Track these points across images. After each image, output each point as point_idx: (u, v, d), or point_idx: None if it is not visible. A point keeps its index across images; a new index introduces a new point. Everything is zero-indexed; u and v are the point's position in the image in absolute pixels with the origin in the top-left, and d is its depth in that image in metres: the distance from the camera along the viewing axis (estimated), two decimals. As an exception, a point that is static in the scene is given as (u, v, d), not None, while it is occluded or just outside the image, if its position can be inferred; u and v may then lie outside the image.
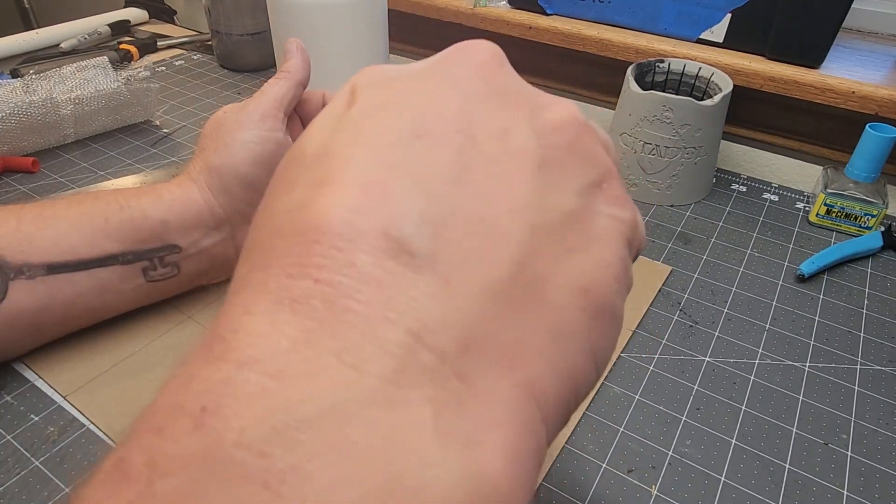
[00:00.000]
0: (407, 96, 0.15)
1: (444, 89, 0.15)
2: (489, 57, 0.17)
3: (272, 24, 0.62)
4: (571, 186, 0.15)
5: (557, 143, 0.16)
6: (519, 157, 0.15)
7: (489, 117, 0.15)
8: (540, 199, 0.14)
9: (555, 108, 0.17)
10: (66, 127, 0.62)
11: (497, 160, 0.14)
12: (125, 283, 0.39)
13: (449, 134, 0.14)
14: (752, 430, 0.37)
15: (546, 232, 0.14)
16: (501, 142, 0.15)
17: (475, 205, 0.13)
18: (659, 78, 0.61)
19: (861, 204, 0.53)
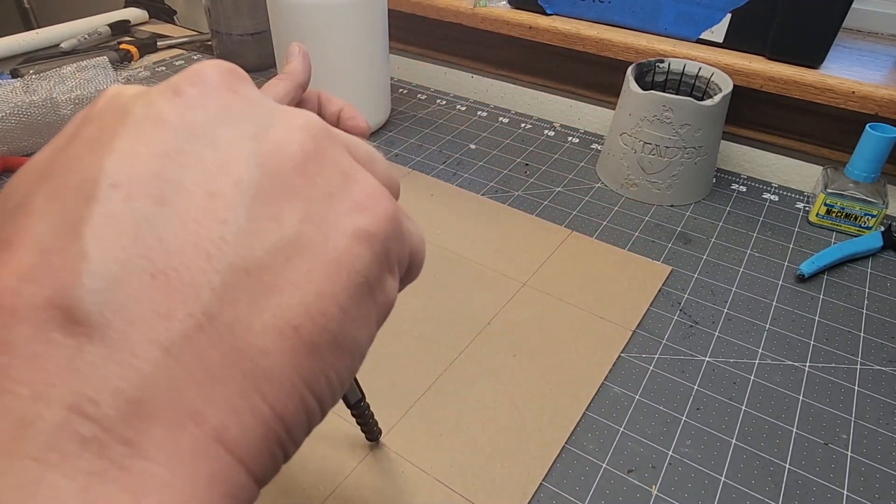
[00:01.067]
0: (114, 137, 0.14)
1: (156, 123, 0.15)
2: (218, 81, 0.16)
3: (272, 24, 0.62)
4: (296, 211, 0.15)
5: (283, 164, 0.15)
6: (227, 195, 0.14)
7: (203, 156, 0.14)
8: (246, 237, 0.14)
9: (283, 125, 0.16)
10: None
11: (200, 203, 0.14)
12: None
13: (147, 183, 0.13)
14: (752, 430, 0.37)
15: (250, 273, 0.14)
16: (212, 179, 0.14)
17: (162, 258, 0.13)
18: (659, 78, 0.61)
19: (861, 204, 0.53)
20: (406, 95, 0.77)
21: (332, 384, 0.15)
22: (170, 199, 0.13)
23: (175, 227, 0.13)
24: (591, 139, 0.69)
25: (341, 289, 0.15)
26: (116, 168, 0.14)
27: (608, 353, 0.42)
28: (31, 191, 0.14)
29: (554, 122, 0.72)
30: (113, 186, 0.13)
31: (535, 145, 0.67)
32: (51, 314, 0.12)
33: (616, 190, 0.60)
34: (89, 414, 0.11)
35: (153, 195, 0.13)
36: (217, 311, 0.13)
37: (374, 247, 0.16)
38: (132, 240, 0.13)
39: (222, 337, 0.13)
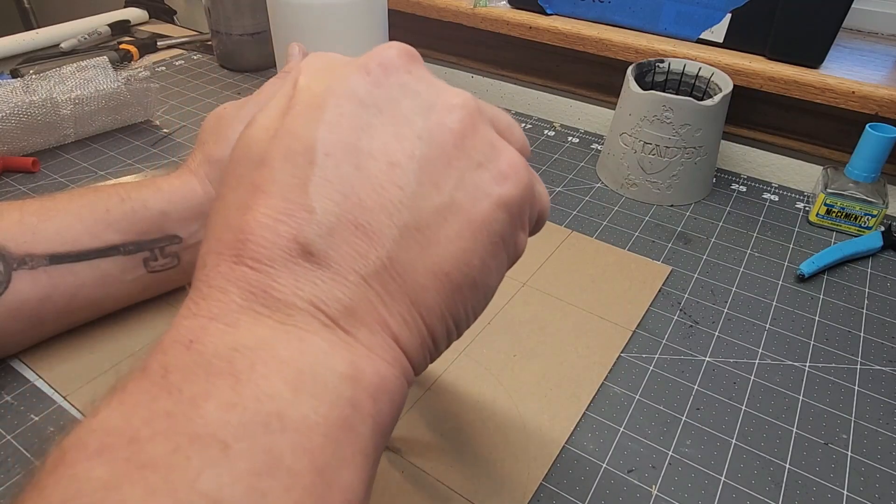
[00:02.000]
0: (325, 105, 0.19)
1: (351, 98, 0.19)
2: (397, 61, 0.20)
3: (272, 24, 0.62)
4: (450, 181, 0.19)
5: (445, 139, 0.19)
6: (403, 165, 0.19)
7: (386, 128, 0.19)
8: (416, 201, 0.19)
9: (444, 103, 0.20)
10: (66, 127, 0.62)
11: (385, 171, 0.19)
12: (126, 273, 0.39)
13: (348, 152, 0.19)
14: (752, 430, 0.37)
15: (418, 230, 0.19)
16: (392, 150, 0.19)
17: (360, 213, 0.18)
18: (659, 78, 0.61)
19: (861, 204, 0.53)
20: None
21: (467, 314, 0.21)
22: (364, 165, 0.19)
23: (368, 189, 0.18)
24: (591, 139, 0.69)
25: (482, 245, 0.20)
26: (326, 138, 0.19)
27: (608, 353, 0.42)
28: (269, 150, 0.19)
29: (554, 122, 0.72)
30: (326, 154, 0.18)
31: (535, 145, 0.67)
32: (295, 246, 0.18)
33: (616, 190, 0.60)
34: (323, 310, 0.18)
35: (353, 162, 0.19)
36: (395, 256, 0.19)
37: (511, 210, 0.20)
38: (342, 198, 0.18)
39: (399, 274, 0.19)
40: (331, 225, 0.18)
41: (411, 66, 0.21)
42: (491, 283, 0.21)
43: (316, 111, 0.19)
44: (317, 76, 0.20)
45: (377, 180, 0.18)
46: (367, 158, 0.19)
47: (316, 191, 0.18)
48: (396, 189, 0.19)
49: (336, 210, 0.18)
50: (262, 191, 0.18)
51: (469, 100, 0.20)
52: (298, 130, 0.19)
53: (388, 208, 0.18)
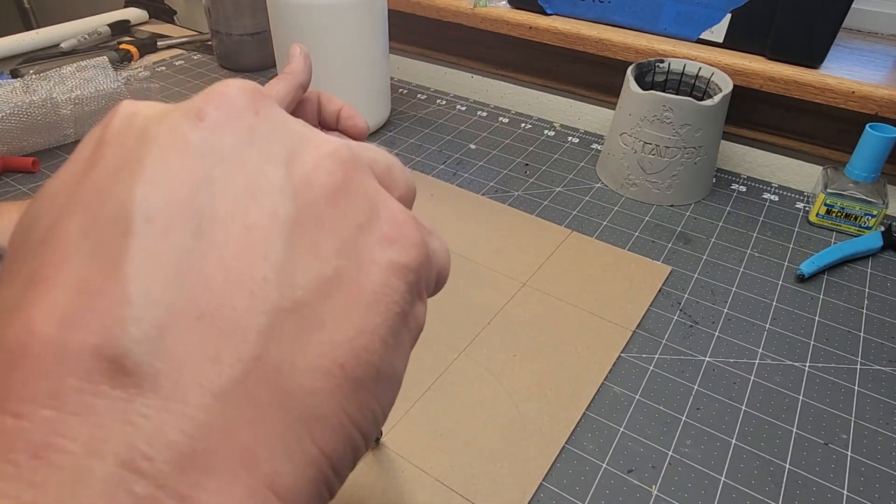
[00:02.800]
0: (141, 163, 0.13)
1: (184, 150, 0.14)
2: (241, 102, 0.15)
3: (272, 24, 0.62)
4: (330, 245, 0.14)
5: (315, 195, 0.15)
6: (264, 228, 0.13)
7: (233, 182, 0.14)
8: (287, 275, 0.13)
9: (312, 152, 0.15)
10: (66, 127, 0.62)
11: (238, 237, 0.13)
12: None
13: (183, 214, 0.13)
14: (752, 430, 0.37)
15: (293, 312, 0.13)
16: (244, 212, 0.14)
17: (206, 298, 0.12)
18: (659, 78, 0.61)
19: (861, 204, 0.53)
20: (406, 95, 0.77)
21: (376, 416, 0.15)
22: (206, 231, 0.13)
23: (215, 263, 0.13)
24: (591, 139, 0.69)
25: (381, 322, 0.15)
26: (148, 198, 0.13)
27: (608, 353, 0.42)
28: (59, 221, 0.13)
29: (554, 122, 0.72)
30: (148, 220, 0.13)
31: (535, 145, 0.67)
32: (99, 365, 0.11)
33: (616, 190, 0.60)
34: (143, 470, 0.11)
35: (190, 228, 0.13)
36: (265, 353, 0.13)
37: (406, 277, 0.16)
38: (175, 279, 0.12)
39: (271, 379, 0.13)
40: (159, 320, 0.12)
41: (259, 106, 0.15)
42: (398, 370, 0.16)
43: (130, 165, 0.13)
44: (129, 123, 0.15)
45: (228, 250, 0.13)
46: (211, 221, 0.13)
47: (134, 270, 0.12)
48: (258, 260, 0.13)
49: (165, 297, 0.12)
50: (45, 280, 0.12)
51: (341, 148, 0.16)
52: (105, 192, 0.13)
53: (247, 286, 0.13)
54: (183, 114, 0.15)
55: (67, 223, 0.13)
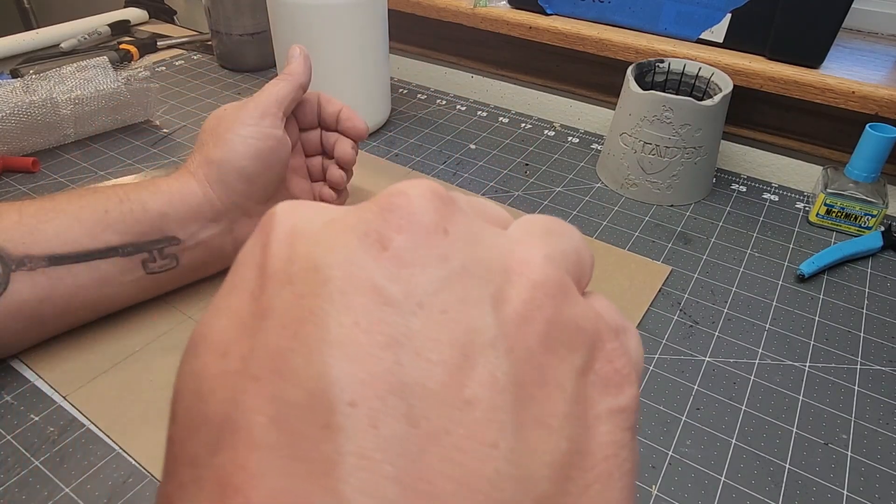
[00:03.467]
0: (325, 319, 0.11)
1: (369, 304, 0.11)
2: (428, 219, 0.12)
3: (272, 24, 0.62)
4: (559, 409, 0.12)
5: (530, 344, 0.12)
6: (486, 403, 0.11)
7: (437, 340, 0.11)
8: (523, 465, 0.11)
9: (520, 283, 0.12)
10: (66, 127, 0.62)
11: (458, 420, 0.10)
12: (125, 275, 0.39)
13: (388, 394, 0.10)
14: (752, 430, 0.37)
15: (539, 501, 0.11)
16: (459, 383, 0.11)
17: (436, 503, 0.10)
18: (659, 78, 0.61)
19: (861, 204, 0.53)
20: (406, 95, 0.77)
21: None
22: (420, 415, 0.10)
23: (439, 462, 0.10)
24: (591, 139, 0.69)
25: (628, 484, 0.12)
26: (344, 373, 0.10)
27: (608, 353, 0.42)
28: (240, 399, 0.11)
29: (554, 122, 0.72)
30: (351, 404, 0.10)
31: (535, 145, 0.67)
32: None
33: (616, 190, 0.60)
34: None
35: (401, 412, 0.10)
36: None
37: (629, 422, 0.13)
38: (400, 491, 0.10)
39: None
40: None
41: (447, 221, 0.12)
42: None
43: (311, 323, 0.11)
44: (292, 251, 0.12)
45: (449, 439, 0.10)
46: (423, 399, 0.10)
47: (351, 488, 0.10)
48: (486, 450, 0.10)
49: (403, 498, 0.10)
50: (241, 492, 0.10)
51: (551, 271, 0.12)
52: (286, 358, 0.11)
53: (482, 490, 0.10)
54: (359, 239, 0.12)
55: (251, 404, 0.11)
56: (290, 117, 0.47)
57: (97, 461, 0.34)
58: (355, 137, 0.48)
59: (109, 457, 0.34)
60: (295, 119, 0.48)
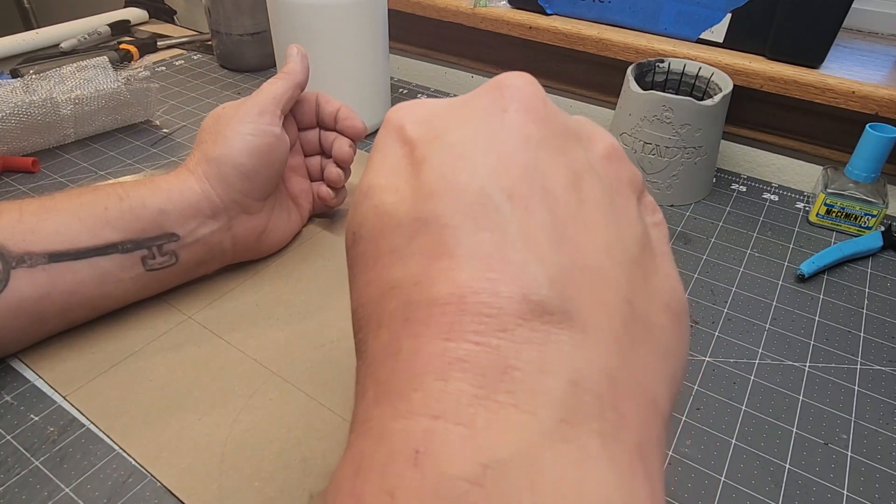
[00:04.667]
0: (475, 150, 0.16)
1: (507, 140, 0.16)
2: (532, 94, 0.18)
3: (272, 24, 0.62)
4: (632, 212, 0.18)
5: (611, 174, 0.18)
6: (593, 201, 0.16)
7: (556, 165, 0.17)
8: (620, 235, 0.16)
9: (599, 141, 0.19)
10: (66, 127, 0.62)
11: (579, 209, 0.16)
12: (125, 272, 0.39)
13: (536, 194, 0.16)
14: (752, 430, 0.37)
15: (633, 264, 0.16)
16: (575, 189, 0.16)
17: (578, 257, 0.15)
18: (659, 78, 0.61)
19: (861, 204, 0.53)
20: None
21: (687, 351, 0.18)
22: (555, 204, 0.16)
23: (573, 231, 0.16)
24: (591, 139, 0.69)
25: (674, 265, 0.19)
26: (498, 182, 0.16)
27: (608, 353, 0.42)
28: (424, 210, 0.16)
29: (554, 122, 0.72)
30: (510, 198, 0.15)
31: (535, 145, 0.67)
32: (528, 308, 0.14)
33: (616, 190, 0.60)
34: (587, 387, 0.14)
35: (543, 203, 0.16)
36: (632, 297, 0.16)
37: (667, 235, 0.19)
38: (554, 245, 0.15)
39: (639, 319, 0.16)
40: (560, 275, 0.15)
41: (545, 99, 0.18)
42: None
43: (461, 160, 0.16)
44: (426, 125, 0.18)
45: (578, 220, 0.16)
46: (555, 198, 0.16)
47: (522, 240, 0.15)
48: (601, 228, 0.16)
49: (559, 257, 0.15)
50: (448, 255, 0.15)
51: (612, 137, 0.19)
52: (453, 182, 0.16)
53: (602, 247, 0.16)
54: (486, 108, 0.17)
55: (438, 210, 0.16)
56: (289, 116, 0.47)
57: (97, 461, 0.34)
58: (353, 137, 0.48)
59: (109, 457, 0.34)
60: (293, 118, 0.48)
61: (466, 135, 0.17)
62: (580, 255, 0.15)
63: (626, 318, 0.15)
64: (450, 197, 0.16)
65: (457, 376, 0.13)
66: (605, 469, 0.13)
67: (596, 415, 0.13)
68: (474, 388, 0.13)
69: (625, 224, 0.17)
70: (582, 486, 0.12)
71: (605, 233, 0.16)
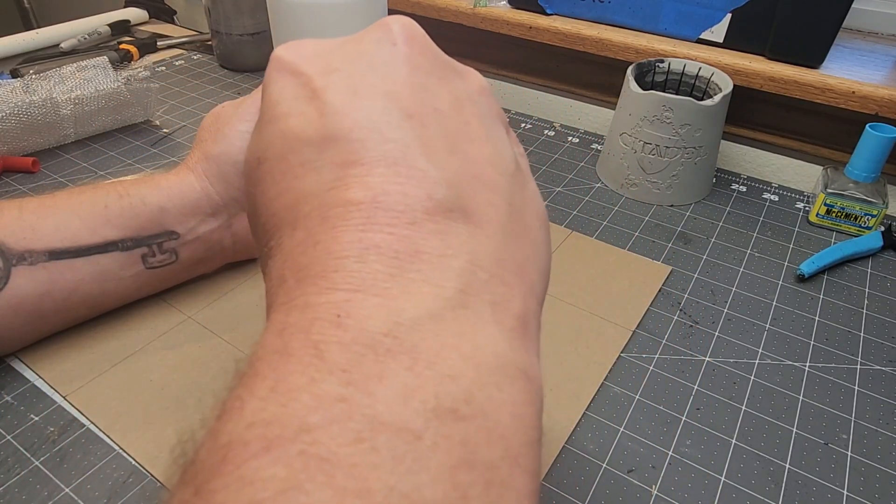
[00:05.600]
0: (373, 77, 0.19)
1: (400, 67, 0.19)
2: (417, 30, 0.20)
3: (272, 24, 0.62)
4: (504, 138, 0.20)
5: (484, 103, 0.20)
6: (475, 122, 0.19)
7: (441, 90, 0.19)
8: (499, 152, 0.19)
9: (473, 77, 0.21)
10: (66, 127, 0.62)
11: (465, 127, 0.19)
12: (125, 269, 0.39)
13: (429, 113, 0.18)
14: (752, 430, 0.37)
15: (511, 176, 0.19)
16: (459, 111, 0.19)
17: (469, 166, 0.18)
18: (659, 78, 0.61)
19: (861, 204, 0.53)
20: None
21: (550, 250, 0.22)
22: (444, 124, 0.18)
23: (460, 145, 0.18)
24: (591, 139, 0.69)
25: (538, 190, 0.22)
26: (396, 101, 0.18)
27: (608, 353, 0.42)
28: (330, 127, 0.18)
29: (554, 122, 0.72)
30: (410, 116, 0.18)
31: (535, 145, 0.67)
32: (432, 205, 0.17)
33: (616, 190, 0.60)
34: (481, 266, 0.16)
35: (436, 122, 0.18)
36: (512, 199, 0.19)
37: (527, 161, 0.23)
38: (449, 154, 0.18)
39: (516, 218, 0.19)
40: (455, 179, 0.17)
41: (428, 39, 0.21)
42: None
43: (361, 85, 0.18)
44: (321, 59, 0.20)
45: (462, 136, 0.19)
46: (445, 117, 0.19)
47: (422, 151, 0.17)
48: (482, 141, 0.19)
49: (453, 164, 0.17)
50: (358, 163, 0.17)
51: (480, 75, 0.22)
52: (356, 103, 0.18)
53: (487, 158, 0.18)
54: (377, 41, 0.20)
55: (344, 126, 0.18)
56: None
57: (97, 461, 0.34)
58: None
59: (109, 457, 0.34)
60: None
61: (362, 65, 0.19)
62: (470, 165, 0.18)
63: (508, 215, 0.18)
64: (355, 115, 0.18)
65: (373, 258, 0.15)
66: (495, 329, 0.16)
67: (488, 288, 0.16)
68: (389, 269, 0.15)
69: (501, 145, 0.19)
70: (476, 339, 0.15)
71: (487, 148, 0.19)
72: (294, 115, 0.19)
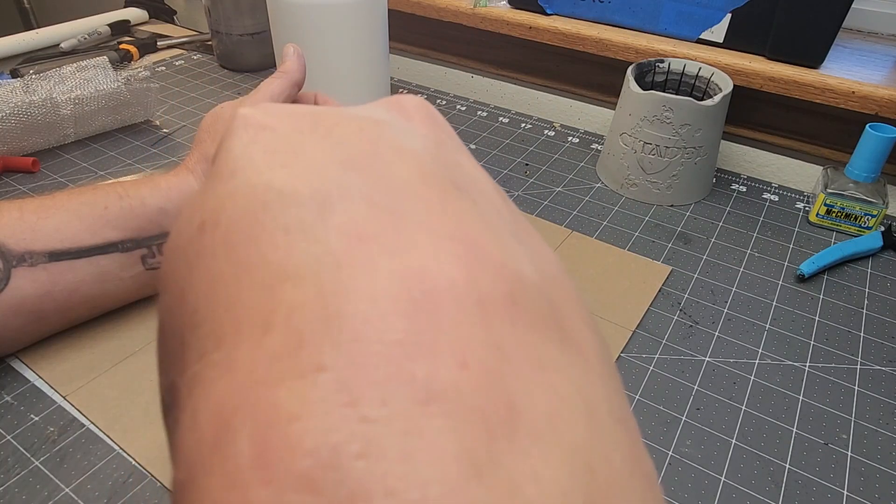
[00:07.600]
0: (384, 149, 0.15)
1: (416, 138, 0.16)
2: (426, 110, 0.18)
3: (272, 24, 0.62)
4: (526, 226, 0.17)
5: (488, 183, 0.17)
6: (490, 196, 0.16)
7: (452, 164, 0.16)
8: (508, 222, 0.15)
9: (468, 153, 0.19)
10: (66, 127, 0.62)
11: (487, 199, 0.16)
12: (125, 270, 0.39)
13: (450, 186, 0.15)
14: (752, 430, 0.37)
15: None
16: (474, 188, 0.16)
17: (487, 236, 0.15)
18: (659, 78, 0.61)
19: (861, 204, 0.53)
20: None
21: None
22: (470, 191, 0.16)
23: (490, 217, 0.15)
24: (591, 139, 0.69)
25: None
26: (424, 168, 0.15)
27: (608, 353, 0.42)
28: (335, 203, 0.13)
29: (554, 122, 0.72)
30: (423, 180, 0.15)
31: (535, 145, 0.67)
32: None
33: (616, 190, 0.60)
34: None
35: (464, 195, 0.15)
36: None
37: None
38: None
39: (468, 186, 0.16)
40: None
41: (437, 119, 0.18)
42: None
43: (370, 135, 0.15)
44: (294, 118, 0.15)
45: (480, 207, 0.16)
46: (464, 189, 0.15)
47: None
48: (497, 215, 0.16)
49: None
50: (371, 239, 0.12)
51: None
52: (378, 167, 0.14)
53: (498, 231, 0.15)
54: (391, 117, 0.17)
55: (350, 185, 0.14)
56: None
57: (97, 461, 0.34)
58: None
59: (109, 457, 0.34)
60: None
61: (376, 140, 0.15)
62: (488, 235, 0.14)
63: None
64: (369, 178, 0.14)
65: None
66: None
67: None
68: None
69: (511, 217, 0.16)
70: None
71: (504, 225, 0.15)
72: (276, 166, 0.13)
